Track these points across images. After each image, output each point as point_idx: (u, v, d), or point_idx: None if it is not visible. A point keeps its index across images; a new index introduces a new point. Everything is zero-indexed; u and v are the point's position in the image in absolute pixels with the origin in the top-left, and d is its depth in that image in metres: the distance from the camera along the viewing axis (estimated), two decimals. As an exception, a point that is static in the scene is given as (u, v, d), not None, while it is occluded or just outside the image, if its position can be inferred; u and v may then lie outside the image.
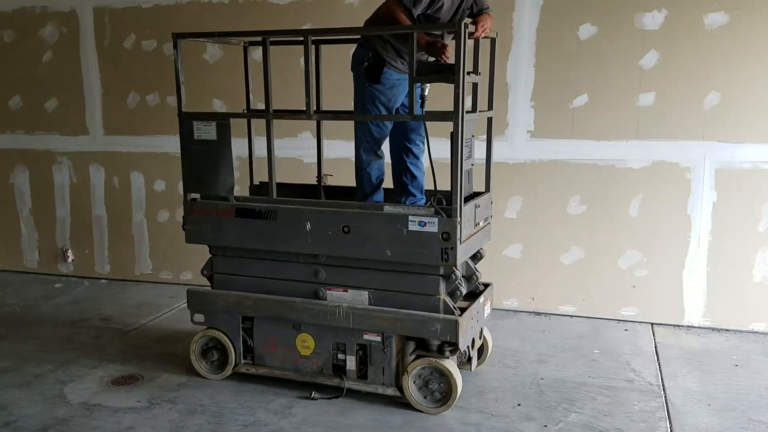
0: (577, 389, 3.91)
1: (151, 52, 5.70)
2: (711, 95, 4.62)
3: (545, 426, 3.50)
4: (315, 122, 5.03)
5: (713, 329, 4.82)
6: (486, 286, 4.06)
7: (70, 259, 6.21)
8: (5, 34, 6.06)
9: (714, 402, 3.77)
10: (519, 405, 3.73)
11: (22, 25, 5.99)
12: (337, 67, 4.35)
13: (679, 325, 4.88)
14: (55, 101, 6.06)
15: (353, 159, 4.05)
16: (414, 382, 3.65)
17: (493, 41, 3.94)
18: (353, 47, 3.95)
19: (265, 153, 3.77)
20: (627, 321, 4.96)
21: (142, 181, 5.90)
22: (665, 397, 3.83)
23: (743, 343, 4.60)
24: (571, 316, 5.08)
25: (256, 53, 5.23)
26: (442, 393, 3.63)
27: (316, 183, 4.39)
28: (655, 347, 4.53)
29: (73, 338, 4.73)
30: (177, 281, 5.94)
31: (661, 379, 4.05)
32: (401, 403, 3.70)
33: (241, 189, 4.80)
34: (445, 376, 3.60)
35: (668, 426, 3.51)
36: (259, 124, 4.34)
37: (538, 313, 5.15)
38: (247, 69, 4.34)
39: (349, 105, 4.97)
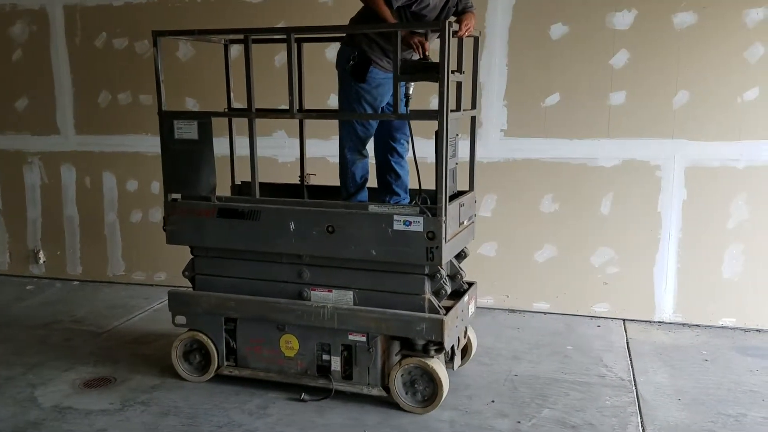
0: (550, 385, 3.95)
1: (122, 50, 5.64)
2: (680, 94, 4.69)
3: (518, 422, 3.53)
4: (289, 121, 5.04)
5: (683, 325, 4.90)
6: (470, 284, 4.05)
7: (41, 261, 6.13)
8: (-27, 33, 5.97)
9: (684, 396, 3.83)
10: (493, 401, 3.76)
11: (-9, 23, 5.91)
12: (316, 65, 4.34)
13: (650, 321, 4.95)
14: (25, 100, 5.97)
15: (329, 158, 4.04)
16: (400, 382, 3.65)
17: (476, 40, 3.95)
18: (329, 46, 3.93)
19: (243, 152, 3.72)
20: (599, 317, 5.02)
21: (114, 181, 5.84)
22: (636, 392, 3.88)
23: (713, 339, 4.68)
24: (544, 313, 5.13)
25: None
26: (429, 392, 3.63)
27: (299, 182, 4.35)
28: (627, 343, 4.59)
29: (44, 340, 4.67)
30: (150, 282, 5.88)
31: (633, 375, 4.10)
32: (379, 402, 3.71)
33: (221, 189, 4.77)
34: (431, 376, 3.60)
35: (639, 420, 3.56)
36: (236, 123, 4.32)
37: (513, 311, 5.19)
38: (228, 67, 4.32)
39: (325, 104, 5.00)
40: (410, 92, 3.70)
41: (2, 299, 5.63)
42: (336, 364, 3.74)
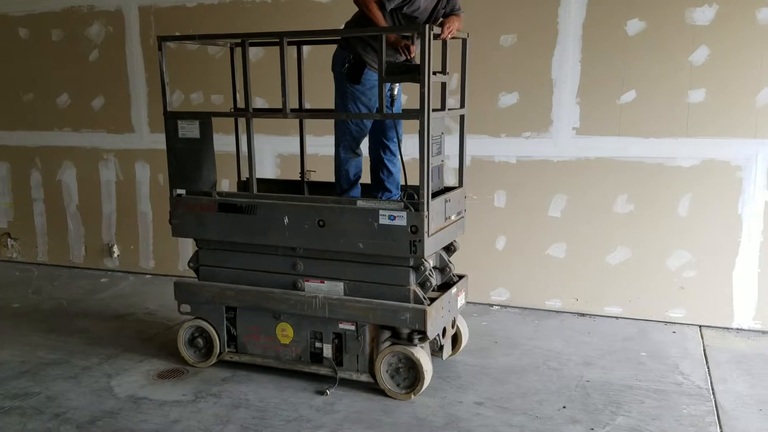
0: (624, 392, 3.84)
1: (195, 51, 5.76)
2: (764, 92, 4.49)
3: (591, 429, 3.44)
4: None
5: (764, 332, 4.69)
6: (460, 277, 4.16)
7: (115, 255, 6.32)
8: (54, 33, 6.19)
9: (766, 407, 3.67)
10: (564, 407, 3.67)
11: (70, 24, 6.11)
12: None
13: (728, 328, 4.76)
14: (101, 99, 6.16)
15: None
16: (385, 369, 3.78)
17: (464, 42, 4.02)
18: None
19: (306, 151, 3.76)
20: (674, 323, 4.85)
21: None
22: (715, 401, 3.74)
23: (796, 347, 4.47)
24: (616, 317, 4.98)
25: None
26: (411, 379, 3.76)
27: (300, 179, 4.55)
28: (704, 350, 4.43)
29: (119, 332, 4.81)
30: (219, 277, 5.99)
31: (711, 383, 3.95)
32: (443, 404, 3.69)
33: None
34: (414, 363, 3.72)
35: (718, 431, 3.42)
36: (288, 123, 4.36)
37: (583, 314, 5.07)
38: (233, 69, 4.47)
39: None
40: (395, 93, 3.91)
41: (78, 291, 5.83)
42: (328, 351, 3.90)
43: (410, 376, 3.75)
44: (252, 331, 4.07)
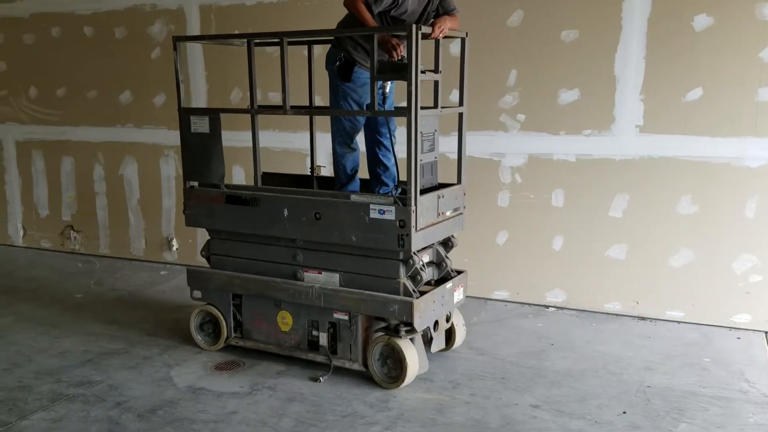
0: (686, 399, 3.72)
1: (256, 50, 5.79)
2: (840, 89, 4.30)
3: (653, 435, 3.36)
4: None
5: (836, 341, 4.50)
6: (459, 272, 4.21)
7: (174, 248, 6.45)
8: (117, 31, 6.35)
9: (839, 419, 3.51)
10: (624, 413, 3.58)
11: (133, 22, 6.26)
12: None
13: (797, 335, 4.58)
14: (163, 96, 6.29)
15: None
16: (376, 359, 3.89)
17: (462, 41, 4.04)
18: None
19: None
20: (739, 329, 4.68)
21: (242, 174, 6.05)
22: (783, 411, 3.59)
23: None
24: (678, 321, 4.83)
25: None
26: (397, 370, 3.85)
27: (310, 174, 4.70)
28: (771, 358, 4.27)
29: (177, 323, 4.90)
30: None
31: (778, 392, 3.81)
32: (499, 405, 3.65)
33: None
34: (398, 355, 3.81)
35: (789, 442, 3.30)
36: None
37: (643, 318, 4.93)
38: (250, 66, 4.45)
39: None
40: (387, 91, 4.06)
41: (139, 282, 5.98)
42: (323, 339, 4.04)
43: (396, 367, 3.84)
44: (256, 318, 4.26)
